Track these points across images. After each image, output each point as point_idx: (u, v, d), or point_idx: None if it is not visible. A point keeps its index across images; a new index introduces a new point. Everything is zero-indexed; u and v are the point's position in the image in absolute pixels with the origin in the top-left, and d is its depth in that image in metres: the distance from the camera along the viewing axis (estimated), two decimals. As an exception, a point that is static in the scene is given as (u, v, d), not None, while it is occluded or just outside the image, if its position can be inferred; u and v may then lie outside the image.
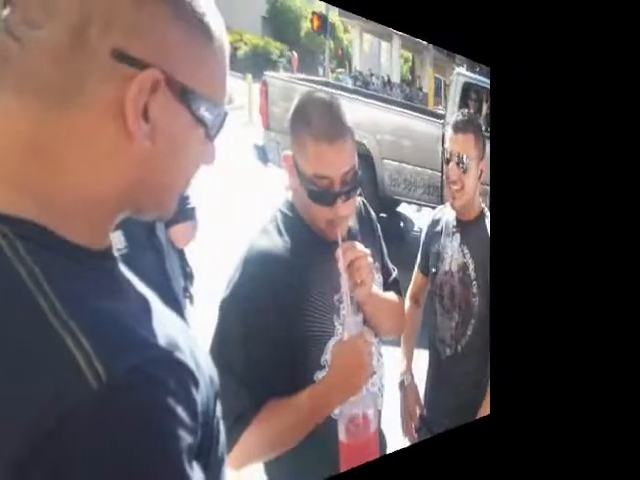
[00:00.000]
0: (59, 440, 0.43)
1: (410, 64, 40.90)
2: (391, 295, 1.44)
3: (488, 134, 1.95)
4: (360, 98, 6.50)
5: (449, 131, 1.79)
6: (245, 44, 24.49)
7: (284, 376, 1.15)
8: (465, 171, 1.74)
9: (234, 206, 6.03)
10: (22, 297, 0.47)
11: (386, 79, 29.95)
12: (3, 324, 0.46)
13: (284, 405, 1.11)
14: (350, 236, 1.28)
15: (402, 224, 7.38)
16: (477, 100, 5.96)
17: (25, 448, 0.43)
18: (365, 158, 5.92)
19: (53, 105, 0.52)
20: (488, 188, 1.85)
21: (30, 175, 0.52)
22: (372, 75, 30.31)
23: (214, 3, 0.60)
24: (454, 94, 5.94)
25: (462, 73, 6.12)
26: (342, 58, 33.77)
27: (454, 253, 1.84)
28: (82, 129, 0.52)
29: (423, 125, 6.11)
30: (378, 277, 1.38)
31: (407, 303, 1.99)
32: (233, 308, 1.13)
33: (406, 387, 1.96)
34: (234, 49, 21.63)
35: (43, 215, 0.52)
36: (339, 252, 1.16)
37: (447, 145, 1.78)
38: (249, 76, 12.75)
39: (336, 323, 1.23)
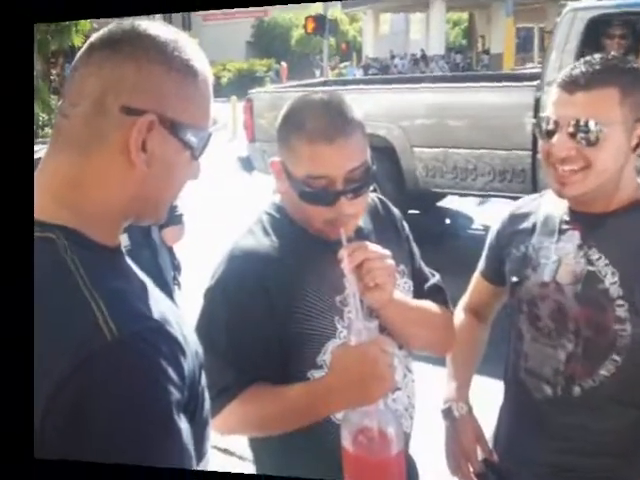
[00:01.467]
0: (83, 374, 0.69)
1: (465, 26, 37.24)
2: (427, 304, 1.40)
3: None
4: (371, 87, 6.22)
5: (555, 92, 1.42)
6: (229, 71, 28.07)
7: (275, 368, 1.25)
8: (593, 142, 1.35)
9: (222, 211, 6.94)
10: (66, 275, 0.76)
11: (419, 55, 28.03)
12: (54, 293, 0.75)
13: (271, 392, 1.22)
14: (361, 236, 1.30)
15: (448, 221, 6.85)
16: (625, 36, 4.33)
17: (59, 377, 0.69)
18: (383, 151, 5.15)
19: (83, 153, 0.82)
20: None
21: (68, 197, 0.81)
22: (393, 57, 28.67)
23: (198, 44, 0.86)
24: (565, 40, 4.57)
25: (582, 7, 4.64)
26: (347, 52, 32.56)
27: (565, 258, 1.50)
28: (101, 165, 0.81)
29: (488, 95, 5.17)
30: (405, 282, 1.38)
31: (460, 316, 1.71)
32: (217, 298, 1.28)
33: (458, 419, 1.62)
34: (217, 78, 23.64)
35: (77, 223, 0.81)
36: (342, 252, 1.18)
37: (549, 111, 1.41)
38: (233, 97, 14.37)
39: (338, 325, 1.27)
